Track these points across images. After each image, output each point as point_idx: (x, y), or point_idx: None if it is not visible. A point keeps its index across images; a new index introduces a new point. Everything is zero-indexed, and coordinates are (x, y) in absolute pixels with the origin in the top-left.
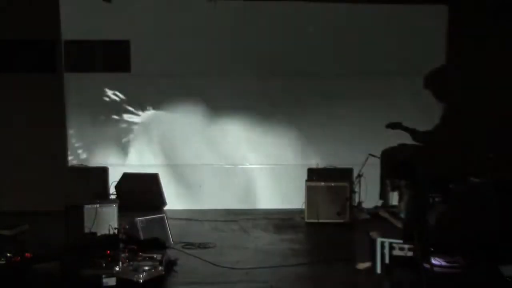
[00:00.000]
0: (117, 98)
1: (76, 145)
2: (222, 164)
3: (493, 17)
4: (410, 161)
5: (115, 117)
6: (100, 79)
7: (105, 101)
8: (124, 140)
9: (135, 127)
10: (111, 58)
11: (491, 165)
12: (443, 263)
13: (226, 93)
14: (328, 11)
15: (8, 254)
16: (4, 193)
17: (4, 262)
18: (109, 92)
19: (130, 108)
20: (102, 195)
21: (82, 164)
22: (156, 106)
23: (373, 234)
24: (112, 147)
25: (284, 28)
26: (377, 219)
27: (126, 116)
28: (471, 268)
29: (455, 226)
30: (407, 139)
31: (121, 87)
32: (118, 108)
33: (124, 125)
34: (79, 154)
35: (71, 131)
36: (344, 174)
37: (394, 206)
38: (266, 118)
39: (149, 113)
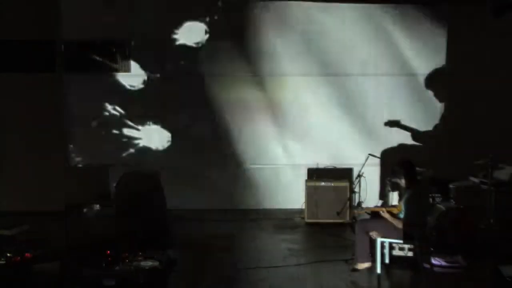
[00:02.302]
0: (117, 98)
1: (76, 145)
2: (222, 164)
3: (493, 17)
4: (410, 161)
5: (116, 117)
6: (100, 79)
7: (105, 101)
8: (124, 139)
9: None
10: (111, 58)
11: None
12: (443, 263)
13: (225, 92)
14: (328, 11)
15: (8, 254)
16: (4, 193)
17: (4, 262)
18: (110, 92)
19: (131, 109)
20: (102, 195)
21: (82, 164)
22: (156, 105)
23: (373, 234)
24: (113, 147)
25: (284, 28)
26: (377, 219)
27: (126, 116)
28: (471, 268)
29: (455, 226)
30: (407, 139)
31: (121, 87)
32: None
33: (124, 125)
34: (79, 154)
35: (71, 131)
36: (344, 174)
37: (394, 206)
38: (266, 118)
39: (149, 111)
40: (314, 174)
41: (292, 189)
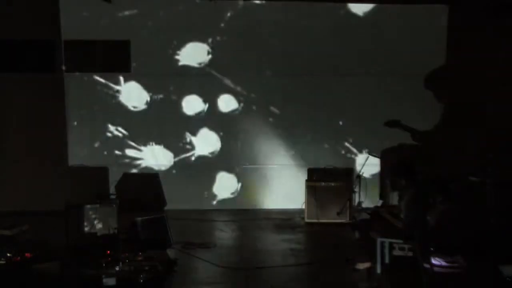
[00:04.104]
0: (116, 99)
1: (76, 145)
2: (222, 164)
3: (493, 17)
4: (410, 161)
5: (115, 117)
6: (100, 79)
7: (105, 100)
8: (124, 139)
9: (135, 127)
10: (111, 58)
11: (491, 165)
12: (443, 263)
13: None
14: (328, 11)
15: (8, 254)
16: (4, 193)
17: (4, 262)
18: (109, 93)
19: (130, 108)
20: (102, 195)
21: (82, 164)
22: (156, 105)
23: (373, 234)
24: (112, 147)
25: (284, 28)
26: (377, 219)
27: (125, 116)
28: (471, 268)
29: (455, 226)
30: (407, 139)
31: (121, 87)
32: (117, 108)
33: (124, 125)
34: (79, 154)
35: (71, 131)
36: (344, 174)
37: (394, 206)
38: (266, 118)
39: (149, 111)
40: (314, 174)
41: (292, 189)
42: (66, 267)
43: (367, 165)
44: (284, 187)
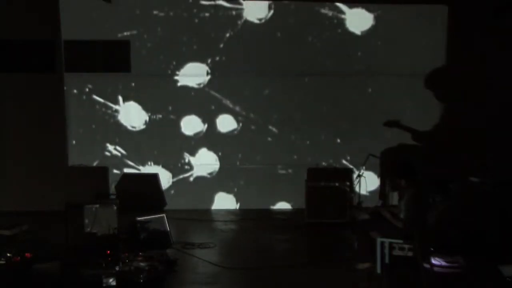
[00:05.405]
0: (115, 118)
1: (76, 145)
2: (222, 164)
3: (493, 17)
4: (410, 161)
5: (115, 117)
6: (100, 79)
7: (104, 100)
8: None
9: (135, 127)
10: (111, 58)
11: (491, 165)
12: (443, 263)
13: (225, 93)
14: (328, 11)
15: (8, 254)
16: (4, 193)
17: (4, 262)
18: (109, 93)
19: (130, 107)
20: (102, 195)
21: (82, 164)
22: (155, 105)
23: (373, 234)
24: (112, 147)
25: (284, 28)
26: (377, 219)
27: (125, 116)
28: (471, 268)
29: (455, 226)
30: (407, 139)
31: (121, 87)
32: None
33: (123, 126)
34: (79, 154)
35: (71, 131)
36: (344, 174)
37: (394, 206)
38: (265, 118)
39: (149, 110)
40: (314, 174)
41: (292, 189)
42: (66, 267)
43: (367, 165)
44: (284, 187)
